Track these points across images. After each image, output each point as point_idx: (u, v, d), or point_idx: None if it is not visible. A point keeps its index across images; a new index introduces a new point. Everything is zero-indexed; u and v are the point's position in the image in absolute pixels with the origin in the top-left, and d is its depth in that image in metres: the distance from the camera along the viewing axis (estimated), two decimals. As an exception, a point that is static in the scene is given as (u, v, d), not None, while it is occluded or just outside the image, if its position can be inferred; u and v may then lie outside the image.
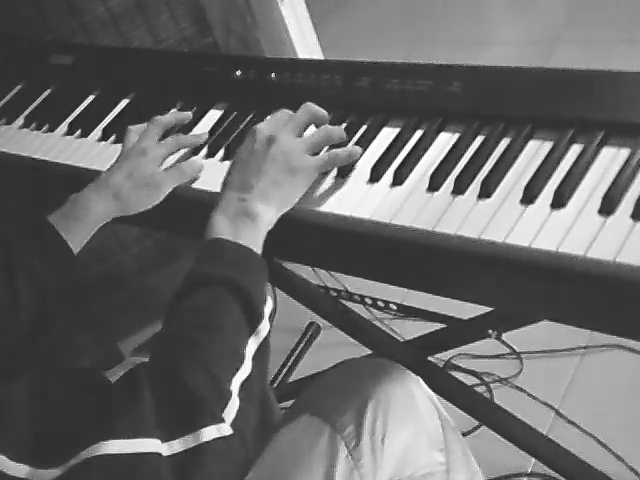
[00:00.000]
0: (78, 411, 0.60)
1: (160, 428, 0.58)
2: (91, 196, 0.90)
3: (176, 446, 0.58)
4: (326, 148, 0.86)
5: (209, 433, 0.59)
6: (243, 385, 0.64)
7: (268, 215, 0.78)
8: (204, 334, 0.65)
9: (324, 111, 0.87)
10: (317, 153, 0.84)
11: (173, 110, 1.05)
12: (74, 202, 0.90)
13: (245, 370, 0.65)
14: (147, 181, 0.91)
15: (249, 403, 0.64)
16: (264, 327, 0.69)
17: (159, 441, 0.57)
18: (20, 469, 0.56)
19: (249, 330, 0.68)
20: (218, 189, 0.90)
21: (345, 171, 0.85)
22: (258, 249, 0.75)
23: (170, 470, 0.57)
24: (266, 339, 0.69)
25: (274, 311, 0.72)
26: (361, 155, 0.86)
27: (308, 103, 0.86)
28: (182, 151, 0.98)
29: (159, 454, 0.57)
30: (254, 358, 0.67)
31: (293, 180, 0.80)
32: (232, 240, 0.74)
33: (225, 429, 0.60)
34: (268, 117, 0.86)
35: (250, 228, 0.76)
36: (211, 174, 0.93)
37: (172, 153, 0.96)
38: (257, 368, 0.67)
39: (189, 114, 1.01)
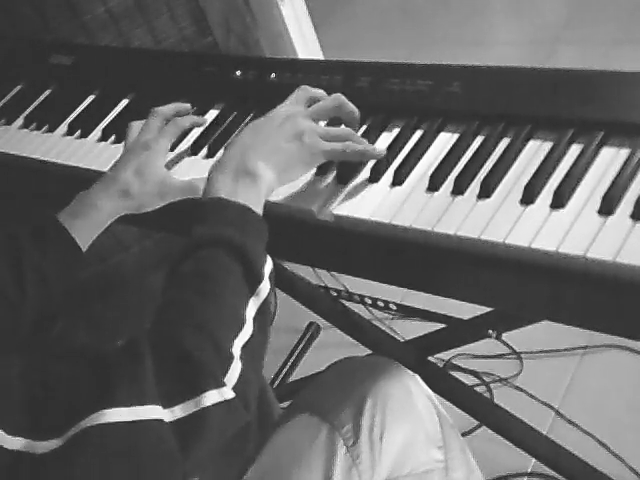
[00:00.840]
0: (76, 380, 0.59)
1: (161, 394, 0.57)
2: (99, 195, 0.89)
3: (178, 412, 0.57)
4: None
5: (211, 397, 0.58)
6: (244, 348, 0.63)
7: (268, 176, 0.76)
8: (204, 298, 0.64)
9: (353, 107, 0.86)
10: None
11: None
12: (82, 200, 0.89)
13: (246, 332, 0.64)
14: (157, 183, 0.90)
15: (251, 366, 0.63)
16: (264, 287, 0.68)
17: (160, 407, 0.57)
18: (17, 442, 0.55)
19: (249, 291, 0.67)
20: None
21: (346, 176, 0.85)
22: (258, 208, 0.73)
23: (173, 436, 0.57)
24: (267, 300, 0.68)
25: (274, 272, 0.71)
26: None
27: (339, 94, 0.85)
28: (183, 147, 0.97)
29: (161, 420, 0.57)
30: (255, 319, 0.66)
31: (299, 154, 0.78)
32: (231, 199, 0.72)
33: (227, 393, 0.59)
34: (292, 96, 0.85)
35: (250, 187, 0.74)
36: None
37: (174, 139, 0.94)
38: (258, 330, 0.65)
39: (189, 105, 1.00)
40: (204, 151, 0.97)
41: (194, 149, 0.98)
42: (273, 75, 1.02)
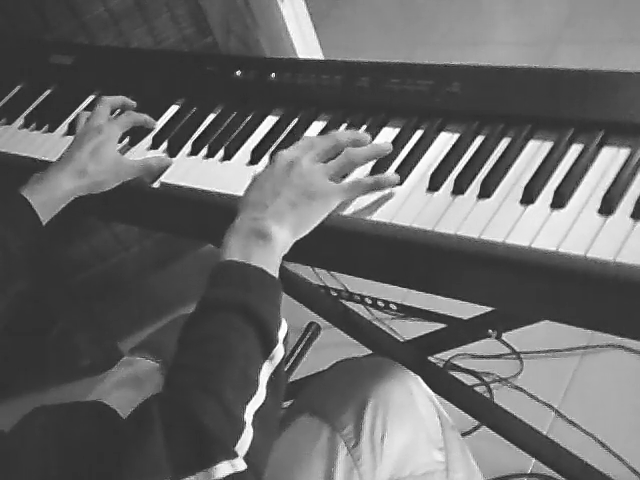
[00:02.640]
0: (90, 455, 0.59)
1: (172, 466, 0.56)
2: (57, 174, 0.93)
3: None
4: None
5: (222, 469, 0.57)
6: (257, 414, 0.62)
7: (282, 236, 0.74)
8: (216, 362, 0.63)
9: (350, 136, 0.83)
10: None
11: None
12: (39, 180, 0.93)
13: (259, 398, 0.63)
14: (111, 164, 0.94)
15: (264, 433, 0.62)
16: (278, 352, 0.67)
17: None
18: None
19: (263, 355, 0.65)
20: (217, 189, 0.90)
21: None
22: (272, 270, 0.71)
23: None
24: (280, 364, 0.67)
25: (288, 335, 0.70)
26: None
27: (337, 132, 0.84)
28: (184, 150, 0.98)
29: None
30: (268, 385, 0.64)
31: (311, 204, 0.76)
32: (244, 262, 0.71)
33: (239, 464, 0.58)
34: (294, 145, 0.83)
35: (262, 248, 0.72)
36: (211, 174, 0.93)
37: (126, 129, 1.00)
38: (272, 395, 0.64)
39: (134, 103, 1.06)
40: (204, 151, 0.97)
41: (194, 149, 0.98)
42: (273, 75, 1.02)
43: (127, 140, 1.02)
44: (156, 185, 0.96)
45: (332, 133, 0.84)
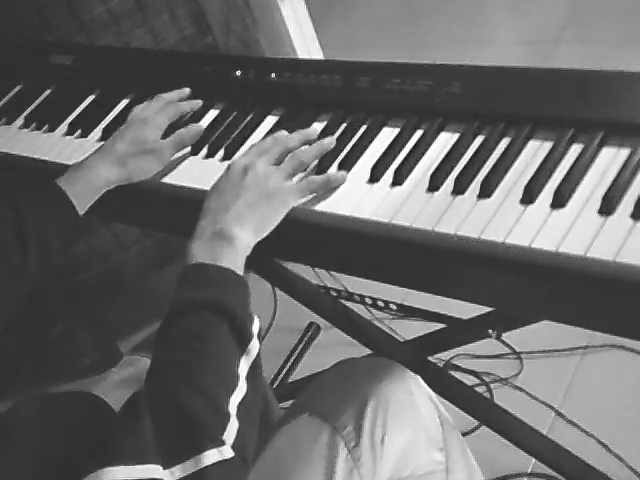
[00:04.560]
0: (80, 440, 0.60)
1: (161, 454, 0.58)
2: (96, 163, 0.92)
3: (178, 472, 0.58)
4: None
5: (210, 457, 0.59)
6: (240, 406, 0.64)
7: (245, 237, 0.77)
8: (197, 358, 0.65)
9: (297, 137, 0.87)
10: None
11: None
12: (78, 167, 0.92)
13: (240, 391, 0.65)
14: (149, 148, 0.93)
15: (248, 423, 0.64)
16: (254, 346, 0.69)
17: (161, 467, 0.57)
18: None
19: (240, 350, 0.68)
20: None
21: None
22: (238, 269, 0.74)
23: None
24: (257, 358, 0.69)
25: (262, 330, 0.72)
26: (357, 158, 0.86)
27: (279, 133, 0.87)
28: (184, 150, 0.98)
29: None
30: (248, 378, 0.67)
31: (269, 204, 0.80)
32: (213, 263, 0.73)
33: (226, 452, 0.60)
34: (243, 151, 0.87)
35: (228, 249, 0.75)
36: (211, 174, 0.93)
37: (173, 120, 0.98)
38: (252, 387, 0.66)
39: (188, 90, 1.04)
40: (204, 151, 0.97)
41: (194, 149, 0.98)
42: (273, 75, 1.02)
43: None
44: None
45: (278, 134, 0.87)
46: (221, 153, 0.96)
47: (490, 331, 1.11)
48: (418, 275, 0.81)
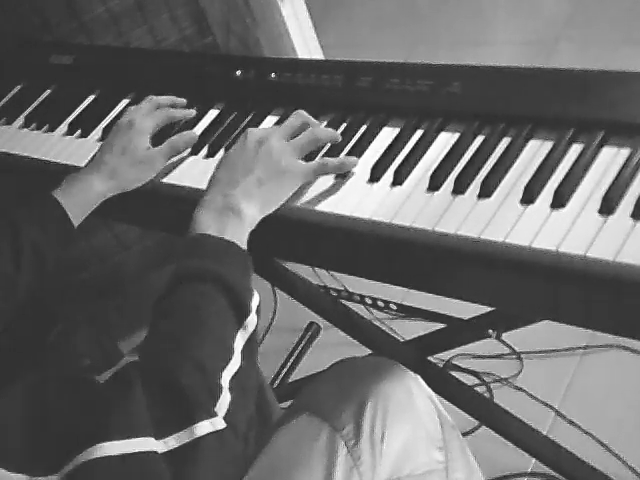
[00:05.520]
0: (71, 415, 0.60)
1: (154, 426, 0.58)
2: (91, 177, 0.93)
3: (171, 442, 0.58)
4: (321, 154, 0.87)
5: (203, 428, 0.59)
6: (233, 379, 0.64)
7: (251, 212, 0.78)
8: (192, 330, 0.65)
9: (315, 121, 0.88)
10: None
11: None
12: (72, 181, 0.93)
13: (235, 364, 0.65)
14: (140, 158, 0.94)
15: (241, 397, 0.64)
16: (252, 321, 0.69)
17: (153, 439, 0.57)
18: (18, 479, 0.55)
19: (237, 324, 0.68)
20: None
21: (344, 173, 0.85)
22: (243, 244, 0.75)
23: (166, 467, 0.57)
24: (254, 332, 0.69)
25: (261, 304, 0.72)
26: (360, 156, 0.86)
27: (299, 110, 0.87)
28: (185, 153, 0.98)
29: (155, 452, 0.57)
30: (243, 352, 0.67)
31: (278, 181, 0.80)
32: (216, 235, 0.74)
33: (219, 423, 0.60)
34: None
35: (234, 223, 0.76)
36: (211, 174, 0.93)
37: (161, 125, 0.98)
38: (247, 361, 0.67)
39: (184, 100, 1.03)
40: (204, 151, 0.97)
41: (194, 149, 0.98)
42: (273, 75, 1.02)
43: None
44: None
45: (300, 111, 0.87)
46: (221, 153, 0.96)
47: (490, 331, 1.12)
48: (418, 275, 0.81)
